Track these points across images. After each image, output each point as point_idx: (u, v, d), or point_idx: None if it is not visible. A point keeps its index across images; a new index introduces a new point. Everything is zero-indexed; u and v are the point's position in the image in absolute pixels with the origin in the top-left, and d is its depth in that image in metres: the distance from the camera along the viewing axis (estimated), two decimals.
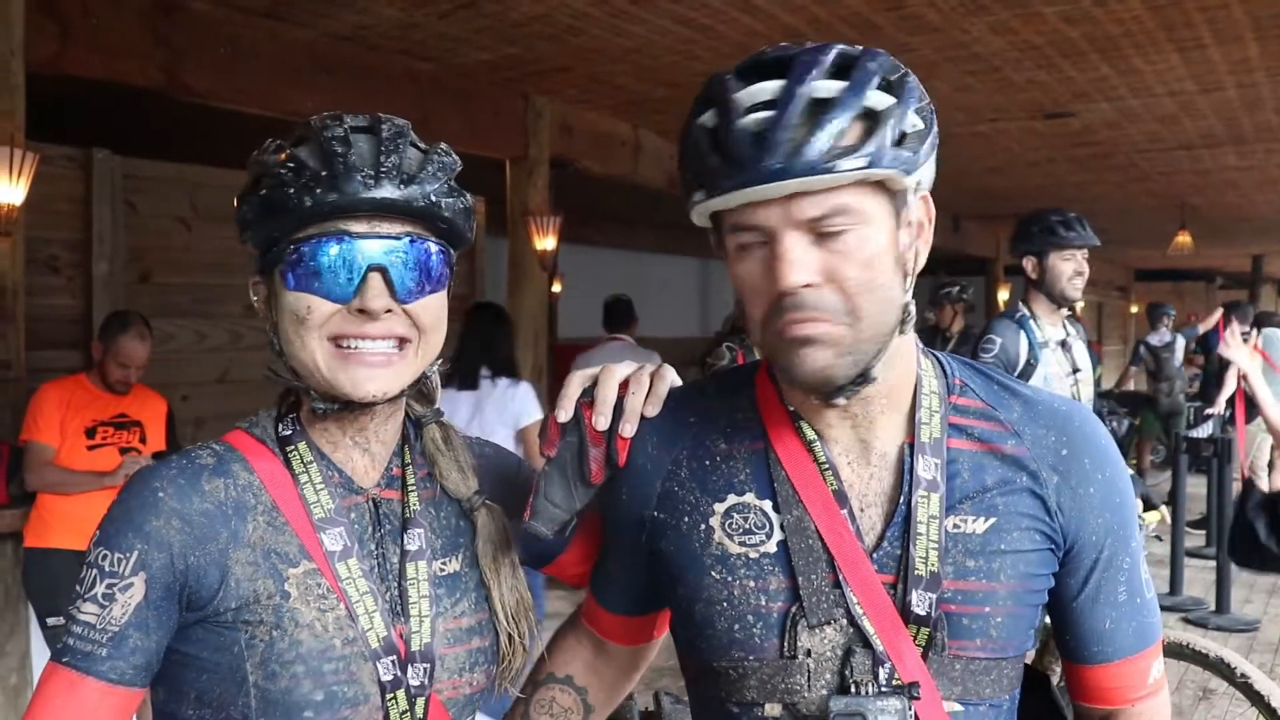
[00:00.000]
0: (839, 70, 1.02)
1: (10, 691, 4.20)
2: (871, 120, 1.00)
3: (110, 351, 4.15)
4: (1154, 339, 10.71)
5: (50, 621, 3.99)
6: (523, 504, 1.19)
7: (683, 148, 1.07)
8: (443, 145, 1.16)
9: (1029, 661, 1.19)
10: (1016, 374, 3.67)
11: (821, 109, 0.99)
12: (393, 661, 1.13)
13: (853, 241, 1.01)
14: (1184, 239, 11.79)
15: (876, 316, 1.03)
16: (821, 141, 0.97)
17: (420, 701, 1.14)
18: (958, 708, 1.09)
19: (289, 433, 1.18)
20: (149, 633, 1.08)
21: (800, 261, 1.00)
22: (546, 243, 7.23)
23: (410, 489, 1.22)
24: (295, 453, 1.17)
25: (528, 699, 1.33)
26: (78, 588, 1.09)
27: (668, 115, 7.58)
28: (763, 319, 1.05)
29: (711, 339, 8.85)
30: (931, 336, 7.80)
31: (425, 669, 1.15)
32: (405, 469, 1.23)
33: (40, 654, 4.20)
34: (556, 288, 10.47)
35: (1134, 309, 22.31)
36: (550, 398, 7.49)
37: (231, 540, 1.11)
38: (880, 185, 1.02)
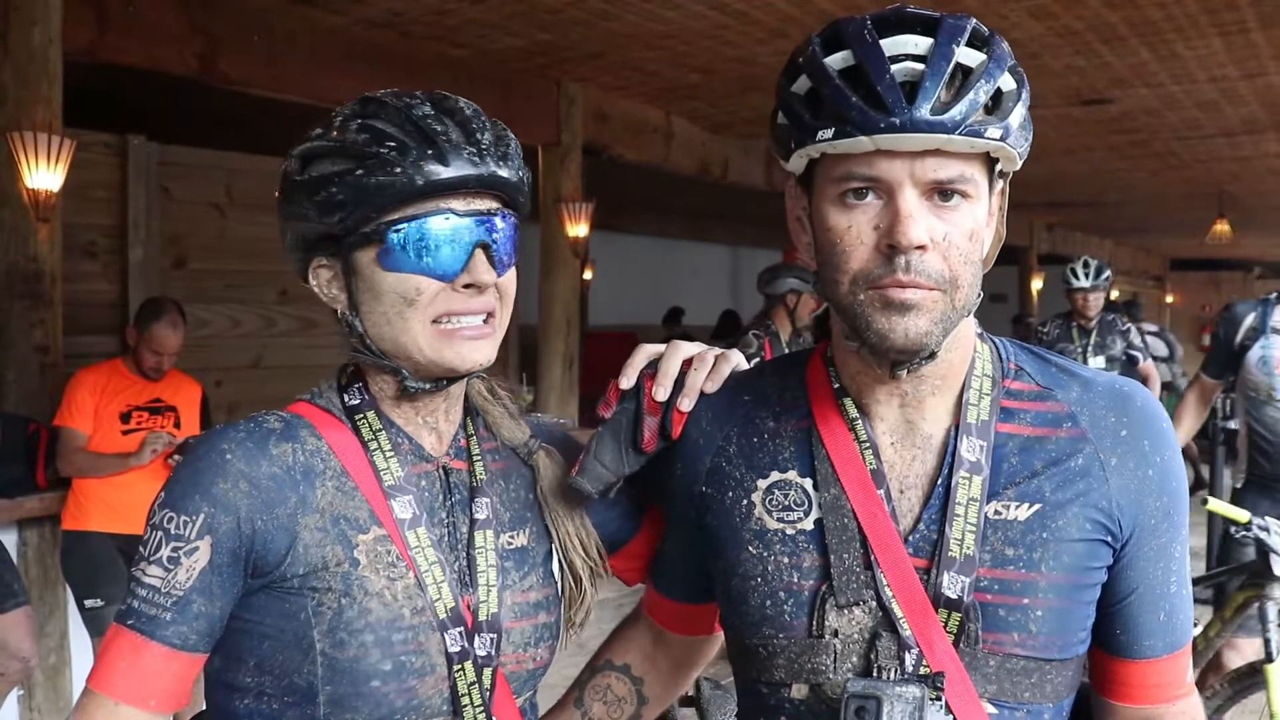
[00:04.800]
0: (979, 42, 1.03)
1: (49, 670, 4.25)
2: (1001, 98, 1.02)
3: (144, 338, 4.19)
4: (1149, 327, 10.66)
5: (88, 603, 4.04)
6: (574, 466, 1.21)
7: (791, 88, 1.06)
8: (500, 121, 1.16)
9: None
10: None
11: (965, 75, 1.01)
12: (460, 633, 1.12)
13: (965, 211, 1.02)
14: (1222, 227, 11.63)
15: (969, 291, 1.04)
16: (968, 105, 0.99)
17: (487, 672, 1.13)
18: (991, 709, 1.05)
19: (356, 402, 1.17)
20: (213, 598, 1.06)
21: (922, 221, 1.00)
22: (579, 229, 7.23)
23: (476, 458, 1.21)
24: (364, 421, 1.16)
25: (584, 684, 1.33)
26: (142, 549, 1.06)
27: (700, 101, 7.54)
28: (858, 273, 1.02)
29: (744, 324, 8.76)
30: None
31: (492, 639, 1.14)
32: (470, 439, 1.23)
33: (78, 635, 4.25)
34: (588, 275, 10.45)
35: (1169, 299, 22.05)
36: (582, 385, 7.50)
37: (300, 505, 1.09)
38: (987, 163, 1.04)
